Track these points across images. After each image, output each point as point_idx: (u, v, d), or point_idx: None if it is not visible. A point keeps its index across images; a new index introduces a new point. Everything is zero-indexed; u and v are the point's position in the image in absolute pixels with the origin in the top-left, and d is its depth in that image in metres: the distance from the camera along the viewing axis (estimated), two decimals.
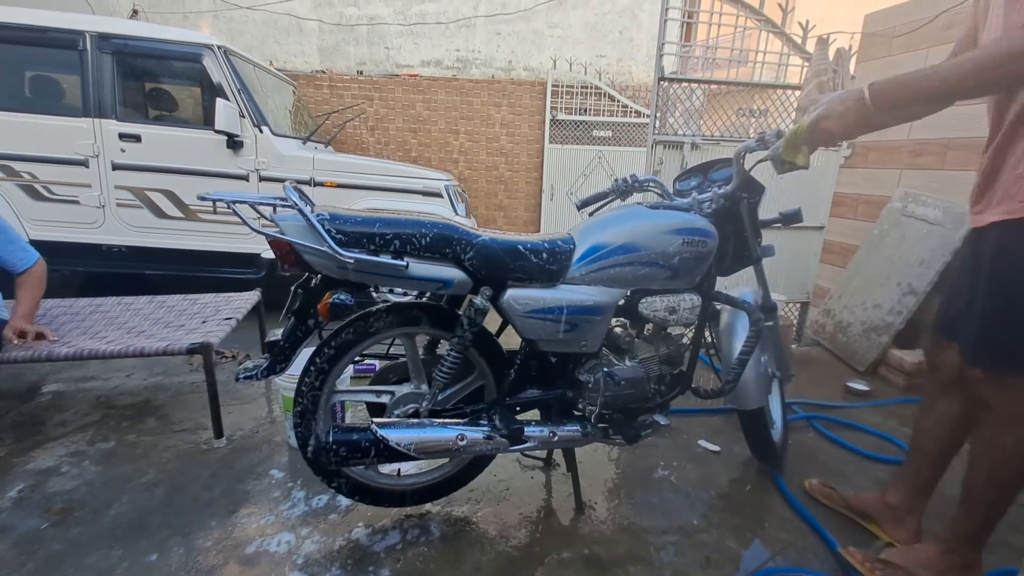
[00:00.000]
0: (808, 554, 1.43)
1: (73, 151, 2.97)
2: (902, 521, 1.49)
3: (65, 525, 1.42)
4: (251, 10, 5.44)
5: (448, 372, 1.32)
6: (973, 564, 1.31)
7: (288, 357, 1.27)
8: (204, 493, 1.58)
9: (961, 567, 1.30)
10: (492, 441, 1.33)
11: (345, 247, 1.14)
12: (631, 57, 5.69)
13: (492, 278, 1.27)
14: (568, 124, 5.47)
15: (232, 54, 3.13)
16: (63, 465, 1.69)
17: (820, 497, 1.68)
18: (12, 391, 2.20)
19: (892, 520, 1.50)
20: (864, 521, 1.57)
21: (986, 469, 1.23)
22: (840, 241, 3.42)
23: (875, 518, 1.54)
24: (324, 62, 5.60)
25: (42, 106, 3.03)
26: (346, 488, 1.38)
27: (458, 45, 5.63)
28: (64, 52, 2.92)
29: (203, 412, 1.94)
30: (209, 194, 1.15)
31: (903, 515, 1.49)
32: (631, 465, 1.83)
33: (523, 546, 1.42)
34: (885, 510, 1.52)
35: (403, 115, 5.53)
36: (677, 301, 1.44)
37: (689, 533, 1.50)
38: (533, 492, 1.66)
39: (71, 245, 3.11)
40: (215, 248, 3.22)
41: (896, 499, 1.51)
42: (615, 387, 1.40)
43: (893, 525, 1.50)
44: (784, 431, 1.85)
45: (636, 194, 1.75)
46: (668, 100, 2.76)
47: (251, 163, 3.11)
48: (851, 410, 2.33)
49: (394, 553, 1.37)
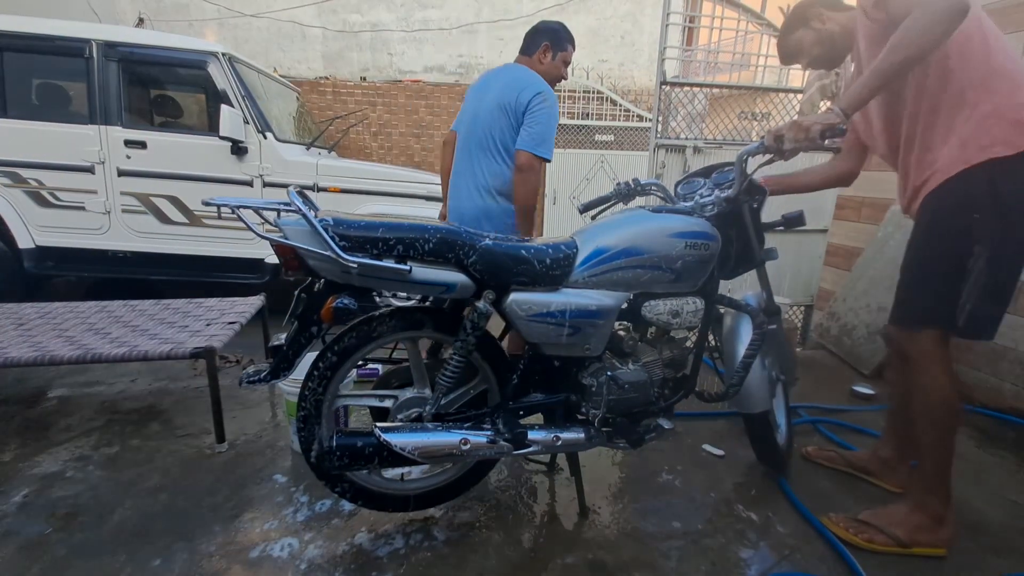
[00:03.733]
0: (815, 559, 1.42)
1: (79, 158, 2.99)
2: (894, 470, 1.72)
3: (69, 530, 1.42)
4: (256, 18, 5.49)
5: (451, 376, 1.32)
6: (942, 518, 1.43)
7: (291, 362, 1.27)
8: (208, 498, 1.58)
9: (930, 522, 1.43)
10: (495, 445, 1.32)
11: (348, 251, 1.15)
12: (633, 62, 5.71)
13: (495, 282, 1.27)
14: (570, 128, 5.48)
15: (237, 61, 3.15)
16: (68, 470, 1.69)
17: (821, 460, 1.86)
18: (18, 396, 2.21)
19: (886, 470, 1.73)
20: (864, 475, 1.78)
21: (919, 412, 1.43)
22: (844, 244, 3.40)
23: (872, 471, 1.76)
24: (328, 68, 5.64)
25: (49, 113, 3.06)
26: (349, 493, 1.38)
27: (461, 51, 5.66)
28: (71, 60, 2.95)
29: (207, 417, 1.94)
30: (214, 200, 1.16)
31: (895, 465, 1.72)
32: (635, 469, 1.83)
33: (527, 551, 1.41)
34: (879, 463, 1.75)
35: (406, 120, 5.55)
36: (680, 304, 1.43)
37: (694, 538, 1.49)
38: (536, 497, 1.65)
39: (77, 251, 3.13)
40: (220, 253, 3.23)
41: (886, 452, 1.75)
42: (618, 391, 1.40)
43: (887, 474, 1.73)
44: (789, 435, 1.84)
45: (639, 198, 1.75)
46: (670, 104, 2.77)
47: (255, 169, 3.12)
48: (856, 414, 2.31)
49: (397, 558, 1.36)
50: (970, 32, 1.25)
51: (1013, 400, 2.29)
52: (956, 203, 1.31)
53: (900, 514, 1.47)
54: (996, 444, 2.09)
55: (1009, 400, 2.31)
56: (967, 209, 1.29)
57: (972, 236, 1.28)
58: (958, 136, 1.29)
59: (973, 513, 1.63)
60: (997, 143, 1.24)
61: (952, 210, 1.32)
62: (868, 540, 1.44)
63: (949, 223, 1.33)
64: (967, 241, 1.29)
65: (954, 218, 1.31)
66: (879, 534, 1.44)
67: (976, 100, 1.26)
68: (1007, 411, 2.29)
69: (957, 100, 1.28)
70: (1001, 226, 1.27)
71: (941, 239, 1.35)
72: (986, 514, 1.64)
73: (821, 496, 1.69)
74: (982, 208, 1.27)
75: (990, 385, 2.36)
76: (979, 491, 1.76)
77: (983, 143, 1.25)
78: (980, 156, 1.25)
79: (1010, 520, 1.62)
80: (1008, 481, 1.84)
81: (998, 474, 1.88)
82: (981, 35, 1.26)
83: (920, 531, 1.43)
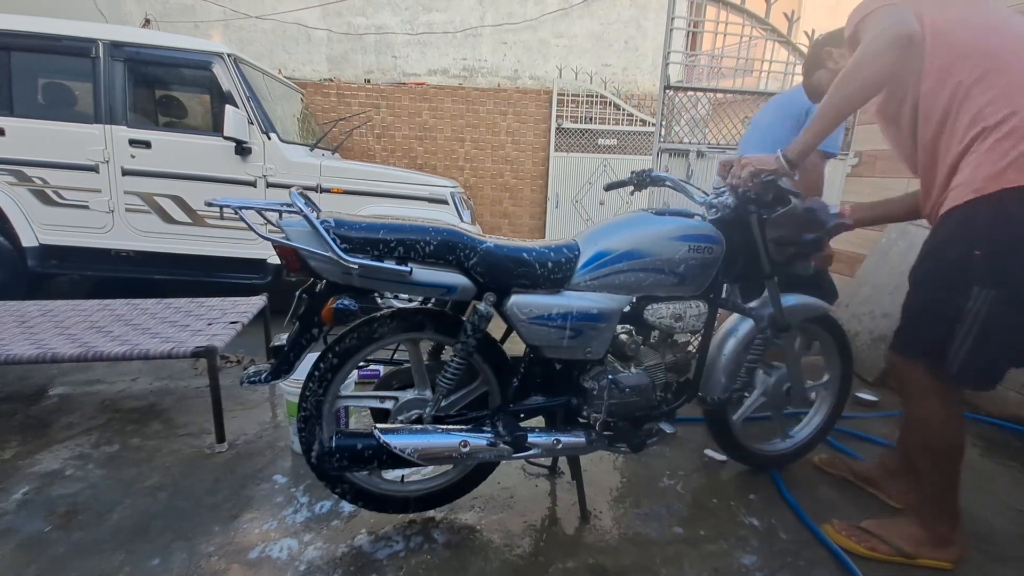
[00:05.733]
0: (816, 564, 1.41)
1: (84, 157, 3.01)
2: (898, 483, 1.67)
3: (68, 528, 1.42)
4: (261, 19, 5.52)
5: (452, 378, 1.32)
6: (949, 540, 1.39)
7: (292, 362, 1.27)
8: (207, 498, 1.57)
9: (938, 541, 1.39)
10: (496, 448, 1.32)
11: (350, 253, 1.15)
12: (636, 66, 5.71)
13: (496, 284, 1.27)
14: (573, 132, 5.49)
15: (242, 62, 3.16)
16: (68, 468, 1.69)
17: (828, 468, 1.83)
18: (19, 393, 2.22)
19: (891, 482, 1.69)
20: (868, 486, 1.74)
21: (914, 441, 1.40)
22: (847, 250, 3.39)
23: (876, 482, 1.72)
24: (332, 71, 5.66)
25: (54, 112, 3.08)
26: (349, 494, 1.38)
27: (465, 54, 5.67)
28: (77, 60, 2.97)
29: (208, 416, 1.94)
30: (217, 200, 1.16)
31: (900, 477, 1.67)
32: (636, 474, 1.82)
33: (527, 555, 1.40)
34: (884, 474, 1.71)
35: (409, 123, 5.57)
36: (683, 308, 1.43)
37: (695, 543, 1.48)
38: (537, 500, 1.64)
39: (80, 250, 3.14)
40: (222, 253, 3.24)
41: (893, 463, 1.70)
42: (620, 394, 1.39)
43: (891, 486, 1.68)
44: (800, 446, 1.84)
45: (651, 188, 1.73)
46: (673, 109, 2.77)
47: (259, 169, 3.13)
48: (860, 421, 2.30)
49: (397, 560, 1.35)
50: None
51: (1017, 408, 2.28)
52: (959, 233, 1.20)
53: (905, 527, 1.44)
54: (1001, 452, 2.08)
55: (1014, 408, 2.29)
56: (968, 243, 1.18)
57: (972, 273, 1.17)
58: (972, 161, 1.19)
59: (978, 522, 1.62)
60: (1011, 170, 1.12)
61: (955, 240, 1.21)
62: (870, 548, 1.43)
63: (948, 253, 1.22)
64: (965, 277, 1.18)
65: (955, 249, 1.21)
66: (882, 544, 1.42)
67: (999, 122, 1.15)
68: (1012, 420, 2.27)
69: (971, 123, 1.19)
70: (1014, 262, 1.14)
71: (940, 270, 1.25)
72: (991, 523, 1.63)
73: (825, 504, 1.68)
74: (985, 243, 1.15)
75: (996, 394, 2.34)
76: (984, 500, 1.74)
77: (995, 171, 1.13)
78: (992, 185, 1.13)
79: (1015, 529, 1.61)
80: (1013, 490, 1.82)
81: (1003, 483, 1.87)
82: None
83: (925, 546, 1.40)
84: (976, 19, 1.22)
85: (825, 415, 1.86)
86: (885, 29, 1.18)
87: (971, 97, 1.18)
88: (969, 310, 1.17)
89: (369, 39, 5.61)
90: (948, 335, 1.21)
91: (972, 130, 1.18)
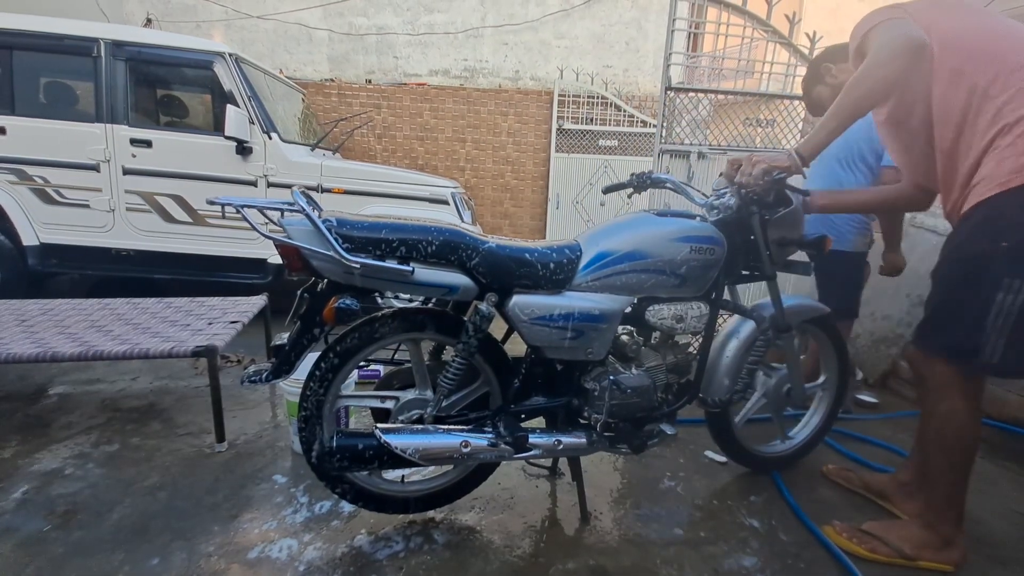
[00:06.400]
0: (817, 566, 1.41)
1: (85, 156, 3.01)
2: (912, 496, 1.59)
3: (68, 528, 1.42)
4: (262, 19, 5.52)
5: (453, 378, 1.31)
6: (952, 542, 1.38)
7: (293, 362, 1.26)
8: (207, 497, 1.57)
9: (939, 541, 1.38)
10: (496, 449, 1.32)
11: (351, 252, 1.15)
12: (637, 68, 5.72)
13: (498, 284, 1.27)
14: (574, 133, 5.49)
15: (243, 62, 3.17)
16: (67, 467, 1.69)
17: (839, 479, 1.78)
18: (20, 392, 2.21)
19: (903, 496, 1.62)
20: (879, 499, 1.68)
21: (931, 438, 1.36)
22: None
23: (888, 496, 1.66)
24: (333, 71, 5.67)
25: (56, 111, 3.08)
26: (350, 494, 1.38)
27: (466, 55, 5.68)
28: (79, 59, 2.97)
29: (208, 416, 1.94)
30: (218, 199, 1.16)
31: (913, 491, 1.60)
32: (637, 475, 1.81)
33: (527, 556, 1.40)
34: (897, 488, 1.65)
35: (410, 123, 5.57)
36: (684, 309, 1.42)
37: (696, 545, 1.47)
38: (538, 501, 1.64)
39: (81, 249, 3.14)
40: (223, 252, 3.24)
41: (906, 477, 1.64)
42: (621, 395, 1.39)
43: (904, 500, 1.62)
44: (799, 447, 1.84)
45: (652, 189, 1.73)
46: (675, 110, 2.77)
47: (260, 169, 3.13)
48: (860, 422, 2.30)
49: (397, 561, 1.35)
50: None
51: (1018, 411, 2.27)
52: (986, 228, 1.21)
53: (906, 529, 1.44)
54: (1002, 455, 2.08)
55: (1015, 411, 2.29)
56: (994, 236, 1.19)
57: (1001, 265, 1.18)
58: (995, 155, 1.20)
59: (979, 525, 1.61)
60: None
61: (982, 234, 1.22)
62: (871, 550, 1.43)
63: (975, 248, 1.23)
64: (994, 270, 1.19)
65: (981, 243, 1.22)
66: (883, 546, 1.42)
67: None
68: (1012, 422, 2.27)
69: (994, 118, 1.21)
70: None
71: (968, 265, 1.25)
72: (992, 526, 1.62)
73: (825, 505, 1.68)
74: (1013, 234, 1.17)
75: (996, 396, 2.34)
76: (985, 503, 1.74)
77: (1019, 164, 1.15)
78: (1017, 179, 1.15)
79: (1016, 532, 1.60)
80: (1014, 493, 1.82)
81: (1004, 486, 1.87)
82: None
83: (926, 548, 1.39)
84: (982, 26, 1.26)
85: (824, 415, 1.86)
86: (895, 37, 1.23)
87: (989, 97, 1.20)
88: (1002, 301, 1.18)
89: (370, 39, 5.61)
90: (977, 329, 1.22)
91: (993, 128, 1.20)
